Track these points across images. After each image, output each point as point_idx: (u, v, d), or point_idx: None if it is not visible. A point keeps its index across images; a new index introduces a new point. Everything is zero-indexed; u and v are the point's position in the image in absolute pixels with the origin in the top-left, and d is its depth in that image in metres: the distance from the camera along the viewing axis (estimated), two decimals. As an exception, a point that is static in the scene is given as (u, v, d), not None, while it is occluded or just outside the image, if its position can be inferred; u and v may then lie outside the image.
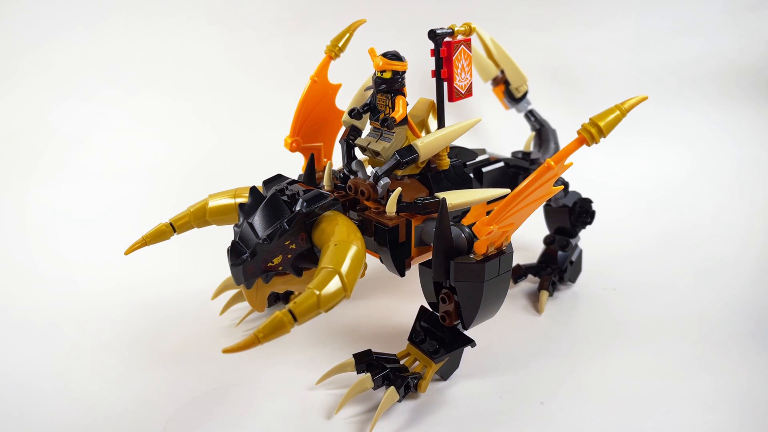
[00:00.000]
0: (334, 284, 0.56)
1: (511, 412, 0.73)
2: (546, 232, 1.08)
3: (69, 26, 1.41)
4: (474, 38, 1.16)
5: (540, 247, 1.08)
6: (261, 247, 0.63)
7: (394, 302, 1.00)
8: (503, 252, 0.68)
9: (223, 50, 1.49)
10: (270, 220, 0.64)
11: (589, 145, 0.56)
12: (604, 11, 1.59)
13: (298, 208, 0.65)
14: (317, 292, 0.55)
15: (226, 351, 0.52)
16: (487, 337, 0.88)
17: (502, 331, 0.91)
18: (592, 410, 0.73)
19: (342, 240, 0.62)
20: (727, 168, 1.54)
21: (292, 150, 0.88)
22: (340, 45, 0.86)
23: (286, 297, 0.97)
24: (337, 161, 0.86)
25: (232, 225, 0.69)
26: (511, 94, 1.09)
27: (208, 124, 1.48)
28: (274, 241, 0.63)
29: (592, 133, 0.56)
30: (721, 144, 1.61)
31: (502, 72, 1.09)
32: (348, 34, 0.86)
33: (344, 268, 0.58)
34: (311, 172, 0.84)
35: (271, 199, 0.65)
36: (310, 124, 0.88)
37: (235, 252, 0.63)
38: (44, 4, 1.39)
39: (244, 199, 0.76)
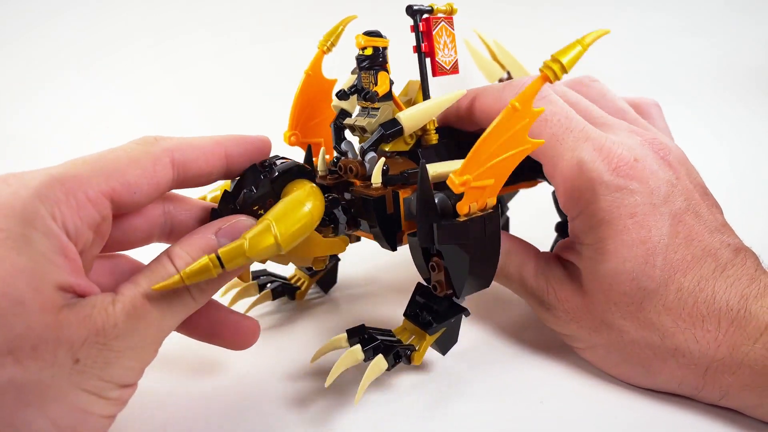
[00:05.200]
0: (266, 233, 0.57)
1: (511, 412, 0.70)
2: (557, 218, 1.05)
3: (70, 26, 1.48)
4: (477, 41, 1.18)
5: (547, 244, 1.05)
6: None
7: (393, 300, 0.99)
8: (487, 211, 0.67)
9: (222, 49, 1.54)
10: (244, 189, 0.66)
11: (552, 82, 0.56)
12: (604, 11, 1.60)
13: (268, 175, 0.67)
14: (246, 237, 0.56)
15: (155, 288, 0.54)
16: (487, 335, 0.87)
17: (501, 329, 0.89)
18: (592, 410, 0.70)
19: (295, 198, 0.63)
20: (727, 168, 1.50)
21: (291, 144, 0.90)
22: (332, 39, 0.89)
23: (292, 293, 0.97)
24: (335, 152, 0.88)
25: None
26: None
27: (209, 122, 1.53)
28: (245, 209, 0.65)
29: (554, 70, 0.56)
30: (721, 144, 1.58)
31: (509, 73, 1.10)
32: (340, 28, 0.89)
33: (280, 220, 0.59)
34: (309, 163, 0.86)
35: (248, 170, 0.67)
36: (308, 119, 0.91)
37: None
38: (44, 4, 1.47)
39: None
